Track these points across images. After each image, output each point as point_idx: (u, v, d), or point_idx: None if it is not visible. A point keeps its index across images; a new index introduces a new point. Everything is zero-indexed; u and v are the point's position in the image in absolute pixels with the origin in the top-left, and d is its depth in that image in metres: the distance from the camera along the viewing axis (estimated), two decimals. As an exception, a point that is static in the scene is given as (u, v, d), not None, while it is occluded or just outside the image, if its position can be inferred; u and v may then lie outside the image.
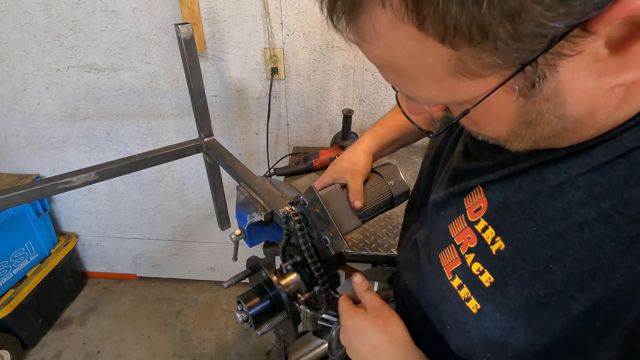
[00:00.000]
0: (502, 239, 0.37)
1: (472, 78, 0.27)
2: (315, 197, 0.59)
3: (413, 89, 0.31)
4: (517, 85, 0.27)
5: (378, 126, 0.71)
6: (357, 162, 0.64)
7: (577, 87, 0.27)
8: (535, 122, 0.30)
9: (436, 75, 0.27)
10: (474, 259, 0.40)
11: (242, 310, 0.57)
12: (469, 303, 0.39)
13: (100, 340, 1.87)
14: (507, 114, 0.30)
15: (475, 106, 0.29)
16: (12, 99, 1.57)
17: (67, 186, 0.96)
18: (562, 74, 0.26)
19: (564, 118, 0.29)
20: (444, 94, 0.30)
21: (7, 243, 1.65)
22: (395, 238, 1.01)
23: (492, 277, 0.37)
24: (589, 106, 0.28)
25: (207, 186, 1.68)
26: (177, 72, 1.46)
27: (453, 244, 0.43)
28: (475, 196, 0.42)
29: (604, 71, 0.25)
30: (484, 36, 0.23)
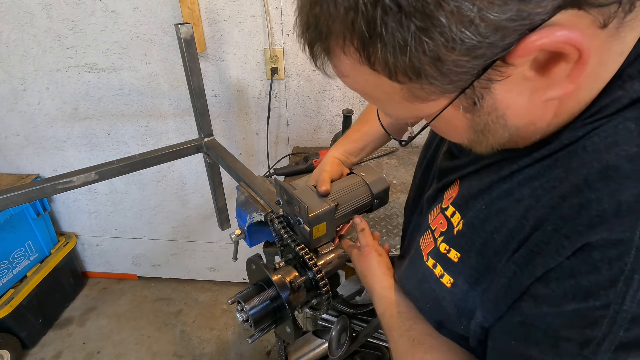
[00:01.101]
0: (463, 222, 0.43)
1: (423, 102, 0.33)
2: (280, 186, 0.64)
3: (384, 108, 0.39)
4: (461, 104, 0.33)
5: (341, 138, 0.81)
6: (325, 164, 0.73)
7: (512, 102, 0.32)
8: (485, 131, 0.36)
9: (396, 100, 0.34)
10: (442, 240, 0.46)
11: (242, 310, 0.57)
12: (443, 279, 0.45)
13: (100, 340, 1.87)
14: (460, 125, 0.36)
15: (432, 121, 0.36)
16: (12, 98, 1.57)
17: (67, 186, 0.96)
18: (497, 93, 0.31)
19: (507, 127, 0.35)
20: (407, 112, 0.37)
21: (7, 243, 1.65)
22: (395, 238, 1.01)
23: (458, 253, 0.44)
24: (527, 117, 0.34)
25: (207, 186, 1.68)
26: (177, 72, 1.46)
27: (429, 230, 0.50)
28: (452, 189, 0.49)
29: (534, 89, 0.31)
30: (417, 76, 0.30)
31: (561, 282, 0.31)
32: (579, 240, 0.30)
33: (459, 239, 0.43)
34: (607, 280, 0.28)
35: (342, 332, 0.97)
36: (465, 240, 0.42)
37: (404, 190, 1.22)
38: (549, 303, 0.32)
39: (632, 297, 0.27)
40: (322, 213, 0.62)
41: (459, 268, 0.43)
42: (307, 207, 0.59)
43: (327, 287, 0.61)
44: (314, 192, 0.67)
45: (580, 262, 0.30)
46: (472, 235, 0.41)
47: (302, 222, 0.62)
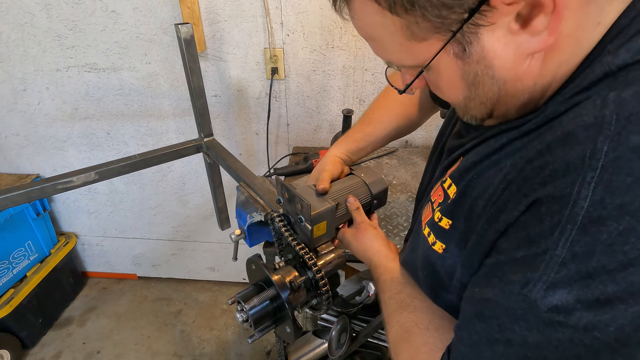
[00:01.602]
0: (456, 190, 0.47)
1: (419, 41, 0.37)
2: (281, 184, 0.64)
3: (387, 55, 0.42)
4: (452, 49, 0.37)
5: (343, 137, 0.82)
6: (324, 162, 0.75)
7: (499, 53, 0.36)
8: (476, 83, 0.39)
9: (397, 40, 0.38)
10: (438, 210, 0.50)
11: (242, 310, 0.57)
12: (435, 246, 0.49)
13: (100, 340, 1.87)
14: (453, 75, 0.39)
15: (427, 66, 0.40)
16: (12, 98, 1.57)
17: (67, 186, 0.96)
18: (484, 40, 0.35)
19: (495, 79, 0.38)
20: (407, 57, 0.40)
21: (7, 243, 1.65)
22: (395, 238, 1.01)
23: (449, 220, 0.47)
24: (513, 70, 0.37)
25: (207, 186, 1.68)
26: (177, 72, 1.46)
27: (430, 202, 0.54)
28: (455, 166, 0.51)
29: (518, 43, 0.34)
30: (412, 5, 0.34)
31: (515, 234, 0.36)
32: (532, 196, 0.34)
33: (451, 207, 0.47)
34: (548, 229, 0.32)
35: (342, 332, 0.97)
36: (456, 208, 0.46)
37: (404, 190, 1.22)
38: (505, 253, 0.37)
39: (563, 244, 0.31)
40: (324, 212, 0.62)
41: (450, 234, 0.46)
42: (310, 205, 0.59)
43: (327, 287, 0.61)
44: (314, 192, 0.67)
45: (530, 216, 0.34)
46: (462, 202, 0.45)
47: (304, 221, 0.62)
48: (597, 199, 0.29)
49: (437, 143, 0.65)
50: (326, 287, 0.61)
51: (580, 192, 0.30)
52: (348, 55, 1.37)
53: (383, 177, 0.73)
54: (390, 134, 0.81)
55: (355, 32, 1.31)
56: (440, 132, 0.66)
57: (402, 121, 0.82)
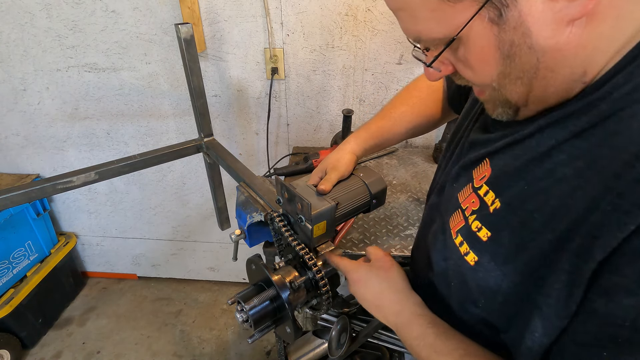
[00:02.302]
0: (499, 200, 0.43)
1: (454, 3, 0.35)
2: (281, 184, 0.64)
3: (416, 24, 0.40)
4: (487, 14, 0.35)
5: (362, 130, 0.78)
6: (339, 160, 0.71)
7: (537, 19, 0.34)
8: (512, 54, 0.37)
9: (430, 4, 0.36)
10: (475, 218, 0.46)
11: (242, 310, 0.57)
12: (468, 257, 0.45)
13: (100, 340, 1.87)
14: (487, 45, 0.37)
15: (459, 34, 0.37)
16: (12, 98, 1.57)
17: (67, 186, 0.96)
18: (521, 4, 0.33)
19: (534, 49, 0.35)
20: (438, 25, 0.38)
21: (7, 243, 1.65)
22: (395, 238, 1.01)
23: (489, 232, 0.43)
24: (553, 39, 0.34)
25: (207, 186, 1.68)
26: (177, 72, 1.46)
27: (460, 209, 0.49)
28: (482, 167, 0.48)
29: (556, 7, 0.33)
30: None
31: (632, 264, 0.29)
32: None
33: (493, 218, 0.43)
34: None
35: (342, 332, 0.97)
36: (499, 219, 0.42)
37: (404, 190, 1.22)
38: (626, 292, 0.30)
39: None
40: (324, 211, 0.62)
41: (486, 246, 0.43)
42: (310, 205, 0.59)
43: (327, 287, 0.61)
44: (314, 192, 0.67)
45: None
46: (509, 215, 0.41)
47: (304, 220, 0.62)
48: None
49: (453, 138, 0.62)
50: (326, 287, 0.61)
51: None
52: (348, 55, 1.37)
53: (382, 177, 0.73)
54: (409, 132, 0.79)
55: (355, 32, 1.31)
56: (457, 127, 0.63)
57: (423, 121, 0.80)
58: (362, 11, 1.28)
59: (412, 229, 1.04)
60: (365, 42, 1.33)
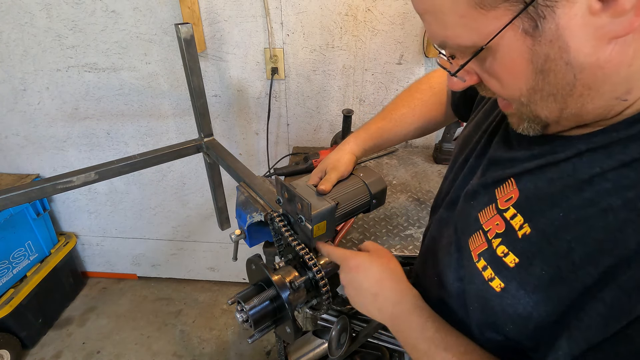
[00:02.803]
0: (529, 225, 0.40)
1: (487, 10, 0.33)
2: (281, 184, 0.64)
3: (444, 29, 0.37)
4: (522, 24, 0.32)
5: (362, 131, 0.77)
6: (339, 160, 0.71)
7: (576, 34, 0.31)
8: (546, 69, 0.34)
9: (460, 9, 0.34)
10: (500, 242, 0.43)
11: (242, 310, 0.57)
12: (493, 282, 0.43)
13: (100, 340, 1.87)
14: (518, 58, 0.34)
15: (488, 44, 0.34)
16: (12, 98, 1.57)
17: (67, 186, 0.96)
18: (560, 16, 0.31)
19: (571, 65, 0.33)
20: (467, 32, 0.35)
21: (7, 243, 1.65)
22: (395, 238, 1.01)
23: (516, 258, 0.41)
24: (593, 56, 0.32)
25: (207, 186, 1.68)
26: (177, 72, 1.46)
27: (481, 230, 0.47)
28: (507, 187, 0.45)
29: (599, 25, 0.30)
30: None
31: None
32: None
33: (523, 244, 0.41)
34: None
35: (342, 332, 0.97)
36: (530, 246, 0.40)
37: (404, 190, 1.22)
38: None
39: None
40: (324, 211, 0.62)
41: (514, 273, 0.41)
42: (310, 205, 0.59)
43: (327, 287, 0.61)
44: (313, 192, 0.67)
45: None
46: (541, 242, 0.39)
47: (304, 220, 0.62)
48: None
49: (463, 149, 0.59)
50: (326, 287, 0.61)
51: None
52: (348, 55, 1.37)
53: (382, 177, 0.73)
54: (409, 134, 0.78)
55: (355, 32, 1.31)
56: (466, 138, 0.59)
57: (424, 123, 0.78)
58: (362, 11, 1.28)
59: (412, 229, 1.04)
60: (365, 42, 1.33)
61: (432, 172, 1.32)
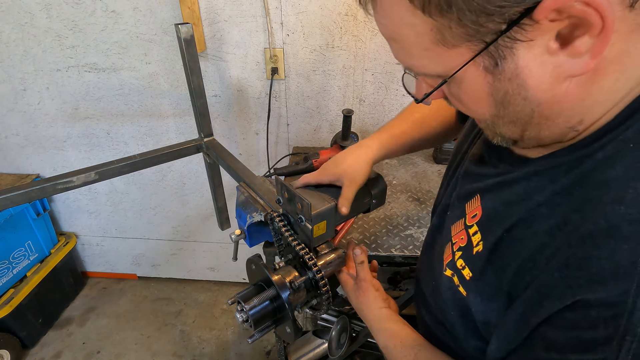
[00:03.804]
0: (483, 244, 0.44)
1: (449, 48, 0.34)
2: (281, 184, 0.63)
3: (409, 58, 0.38)
4: (483, 62, 0.34)
5: (384, 133, 0.72)
6: (358, 171, 0.66)
7: (534, 72, 0.32)
8: (506, 102, 0.36)
9: (424, 44, 0.35)
10: (460, 256, 0.47)
11: (242, 310, 0.57)
12: (460, 288, 0.47)
13: (100, 340, 1.87)
14: (480, 90, 0.36)
15: (452, 76, 0.36)
16: (12, 98, 1.57)
17: (67, 186, 0.96)
18: (519, 57, 0.32)
19: (529, 100, 0.35)
20: (431, 63, 0.37)
21: (7, 243, 1.65)
22: (395, 238, 1.01)
23: (470, 272, 0.45)
24: (549, 92, 0.34)
25: (207, 186, 1.68)
26: (177, 72, 1.46)
27: (450, 242, 0.51)
28: (474, 203, 0.48)
29: (556, 63, 0.32)
30: (449, 6, 0.31)
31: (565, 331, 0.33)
32: (578, 293, 0.32)
33: (475, 260, 0.45)
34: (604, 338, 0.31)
35: (342, 332, 0.97)
36: (481, 263, 0.44)
37: (404, 190, 1.22)
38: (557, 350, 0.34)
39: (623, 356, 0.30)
40: (324, 211, 0.62)
41: (470, 285, 0.45)
42: (310, 205, 0.59)
43: (327, 287, 0.61)
44: (313, 191, 0.67)
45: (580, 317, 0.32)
46: (490, 259, 0.43)
47: (304, 220, 0.62)
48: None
49: (455, 157, 0.61)
50: (326, 287, 0.61)
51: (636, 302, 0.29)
52: (348, 55, 1.37)
53: (382, 177, 0.73)
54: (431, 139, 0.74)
55: (355, 32, 1.31)
56: (458, 146, 0.61)
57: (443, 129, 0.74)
58: (362, 11, 1.28)
59: (412, 229, 1.04)
60: (365, 42, 1.33)
61: (432, 172, 1.32)
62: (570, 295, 0.33)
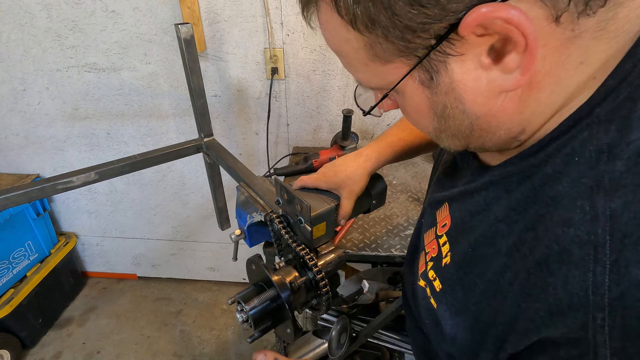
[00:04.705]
0: (450, 256, 0.44)
1: (384, 63, 0.34)
2: (281, 185, 0.63)
3: (355, 72, 0.38)
4: (418, 75, 0.33)
5: (383, 142, 0.73)
6: (357, 183, 0.66)
7: (469, 87, 0.32)
8: (446, 116, 0.36)
9: (362, 59, 0.35)
10: (432, 267, 0.47)
11: (242, 311, 0.57)
12: (431, 300, 0.47)
13: (100, 340, 1.87)
14: (421, 103, 0.36)
15: (392, 90, 0.36)
16: (12, 98, 1.57)
17: (67, 186, 0.96)
18: (453, 71, 0.32)
19: (467, 114, 0.35)
20: (373, 77, 0.37)
21: (7, 243, 1.65)
22: (395, 238, 1.01)
23: (440, 284, 0.45)
24: (486, 107, 0.33)
25: (207, 186, 1.68)
26: (177, 72, 1.46)
27: (424, 251, 0.50)
28: (443, 212, 0.48)
29: (490, 78, 0.31)
30: (372, 23, 0.30)
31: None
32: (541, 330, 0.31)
33: (444, 272, 0.44)
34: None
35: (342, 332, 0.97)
36: (449, 276, 0.43)
37: (404, 190, 1.22)
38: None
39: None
40: (323, 212, 0.62)
41: (440, 297, 0.44)
42: (310, 206, 0.59)
43: (327, 287, 0.61)
44: (313, 192, 0.67)
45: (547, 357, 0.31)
46: (458, 273, 0.42)
47: (304, 222, 0.62)
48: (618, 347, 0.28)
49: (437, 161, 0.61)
50: (326, 288, 0.61)
51: (596, 337, 0.28)
52: (348, 55, 1.37)
53: (382, 177, 0.73)
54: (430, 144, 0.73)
55: (355, 32, 1.31)
56: (439, 151, 0.61)
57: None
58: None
59: (412, 229, 1.04)
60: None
61: (432, 172, 1.32)
62: (534, 331, 0.32)
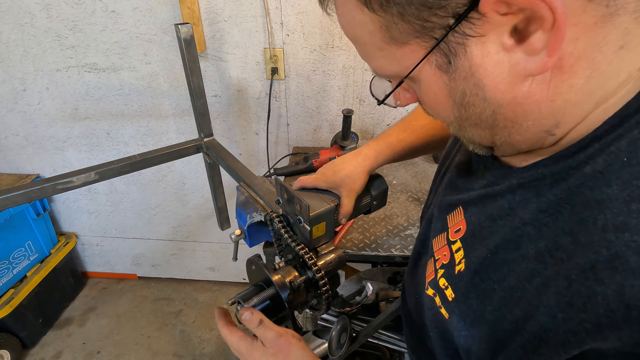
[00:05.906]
0: (465, 262, 0.41)
1: (400, 46, 0.32)
2: (280, 185, 0.63)
3: (370, 60, 0.37)
4: (435, 59, 0.32)
5: (382, 141, 0.71)
6: (356, 182, 0.66)
7: (490, 72, 0.30)
8: (465, 104, 0.33)
9: (378, 43, 0.33)
10: (442, 274, 0.44)
11: (242, 311, 0.57)
12: (442, 310, 0.43)
13: (100, 340, 1.87)
14: (438, 91, 0.34)
15: (408, 76, 0.34)
16: (12, 98, 1.57)
17: (67, 186, 0.96)
18: (472, 54, 0.30)
19: (488, 101, 0.32)
20: (389, 64, 0.35)
21: (7, 243, 1.65)
22: (395, 238, 1.01)
23: (453, 293, 0.41)
24: (510, 93, 0.31)
25: (207, 186, 1.68)
26: (177, 72, 1.46)
27: (433, 258, 0.47)
28: (457, 216, 0.45)
29: (514, 61, 0.29)
30: (387, 1, 0.29)
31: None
32: (586, 342, 0.27)
33: (458, 280, 0.41)
34: None
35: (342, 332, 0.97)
36: (464, 284, 0.40)
37: (404, 190, 1.22)
38: None
39: None
40: (323, 212, 0.62)
41: (452, 307, 0.41)
42: (309, 206, 0.59)
43: (327, 287, 0.61)
44: (313, 192, 0.67)
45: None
46: (473, 280, 0.39)
47: (303, 221, 0.62)
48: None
49: (444, 162, 0.58)
50: (326, 287, 0.61)
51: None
52: (348, 55, 1.37)
53: (383, 178, 0.73)
54: (429, 147, 0.72)
55: (355, 32, 1.31)
56: (446, 151, 0.59)
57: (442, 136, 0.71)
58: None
59: (412, 229, 1.04)
60: (365, 42, 1.33)
61: (432, 172, 1.32)
62: (576, 344, 0.28)
